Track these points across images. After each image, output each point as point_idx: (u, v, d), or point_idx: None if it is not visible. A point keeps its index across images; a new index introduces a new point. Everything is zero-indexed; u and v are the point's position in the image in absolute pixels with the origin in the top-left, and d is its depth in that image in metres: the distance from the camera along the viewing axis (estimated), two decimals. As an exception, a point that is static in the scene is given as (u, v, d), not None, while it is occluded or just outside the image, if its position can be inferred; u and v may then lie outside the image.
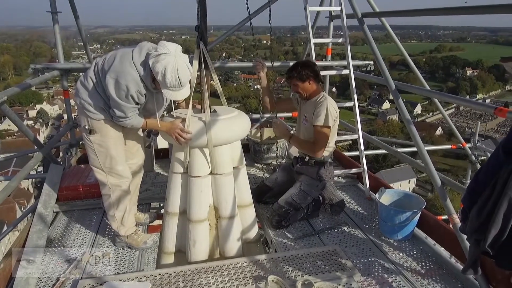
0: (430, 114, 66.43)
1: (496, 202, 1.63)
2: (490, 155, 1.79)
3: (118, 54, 2.42)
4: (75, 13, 4.55)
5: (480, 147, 5.36)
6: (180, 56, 2.33)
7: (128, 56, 2.39)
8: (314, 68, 3.18)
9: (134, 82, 2.36)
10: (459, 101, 3.44)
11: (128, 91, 2.36)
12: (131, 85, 2.35)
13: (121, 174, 2.72)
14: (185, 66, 2.34)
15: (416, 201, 3.03)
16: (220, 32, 47.12)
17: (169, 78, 2.28)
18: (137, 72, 2.37)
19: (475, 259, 1.88)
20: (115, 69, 2.35)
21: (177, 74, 2.29)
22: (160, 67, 2.27)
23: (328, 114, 3.07)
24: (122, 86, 2.34)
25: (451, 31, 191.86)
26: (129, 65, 2.36)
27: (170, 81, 2.30)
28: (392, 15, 3.95)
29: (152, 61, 2.29)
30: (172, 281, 2.36)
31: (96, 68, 2.50)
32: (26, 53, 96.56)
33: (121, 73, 2.34)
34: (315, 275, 2.40)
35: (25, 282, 2.34)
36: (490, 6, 2.27)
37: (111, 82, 2.35)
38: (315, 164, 3.24)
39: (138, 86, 2.39)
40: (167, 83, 2.31)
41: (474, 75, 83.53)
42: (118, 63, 2.37)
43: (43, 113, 58.93)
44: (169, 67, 2.26)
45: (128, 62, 2.36)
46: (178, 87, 2.36)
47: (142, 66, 2.37)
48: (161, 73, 2.28)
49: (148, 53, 2.38)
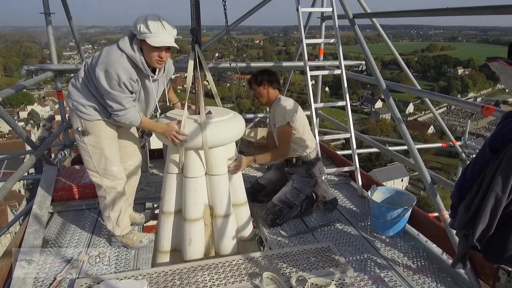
0: (422, 113, 66.88)
1: (483, 198, 1.68)
2: (477, 152, 1.85)
3: (104, 49, 2.44)
4: (68, 14, 4.55)
5: (470, 145, 5.46)
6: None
7: (114, 46, 2.41)
8: (270, 75, 3.25)
9: (124, 69, 2.35)
10: (448, 100, 3.51)
11: (120, 79, 2.34)
12: (121, 73, 2.34)
13: (116, 175, 2.73)
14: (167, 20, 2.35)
15: (407, 198, 3.10)
16: (212, 32, 46.44)
17: (151, 24, 2.28)
18: (127, 56, 2.36)
19: (464, 253, 1.93)
20: (102, 61, 2.35)
21: (158, 18, 2.31)
22: (141, 19, 2.30)
23: (284, 112, 3.14)
24: (112, 75, 2.33)
25: (442, 31, 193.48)
26: (115, 53, 2.36)
27: (152, 26, 2.29)
28: (383, 15, 4.01)
29: (134, 23, 2.34)
30: (168, 279, 2.39)
31: (86, 68, 2.50)
32: (16, 54, 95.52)
33: (108, 62, 2.34)
34: (309, 271, 2.45)
35: (22, 282, 2.36)
36: (478, 7, 2.34)
37: (101, 75, 2.34)
38: (302, 163, 3.30)
39: (129, 73, 2.38)
40: (150, 29, 2.29)
41: (465, 74, 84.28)
42: (104, 54, 2.38)
43: (34, 115, 58.29)
44: (149, 16, 2.31)
45: (114, 51, 2.37)
46: (162, 32, 2.33)
47: (129, 48, 2.37)
48: (143, 23, 2.28)
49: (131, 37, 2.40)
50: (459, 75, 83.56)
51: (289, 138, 3.18)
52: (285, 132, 3.16)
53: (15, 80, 47.56)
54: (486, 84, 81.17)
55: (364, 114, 66.64)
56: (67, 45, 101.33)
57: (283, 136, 3.17)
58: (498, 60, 1.69)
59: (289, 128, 3.15)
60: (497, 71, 1.74)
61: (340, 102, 4.17)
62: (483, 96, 75.55)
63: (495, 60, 1.70)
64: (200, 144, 2.55)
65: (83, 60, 5.40)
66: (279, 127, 3.16)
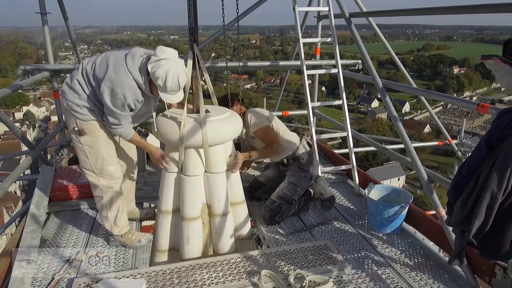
0: (418, 112, 67.15)
1: (479, 194, 1.70)
2: (473, 150, 1.87)
3: (110, 62, 2.40)
4: (64, 14, 4.54)
5: (466, 143, 5.49)
6: (180, 61, 2.37)
7: (122, 63, 2.38)
8: (236, 95, 3.35)
9: (131, 91, 2.38)
10: (444, 98, 3.54)
11: (125, 100, 2.38)
12: (128, 94, 2.37)
13: (113, 174, 2.74)
14: (184, 71, 2.39)
15: (404, 196, 3.12)
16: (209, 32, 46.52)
17: (169, 82, 2.32)
18: (134, 79, 2.37)
19: (460, 249, 1.95)
20: (110, 79, 2.35)
21: (177, 79, 2.33)
22: (161, 72, 2.29)
23: (255, 118, 3.25)
24: (118, 96, 2.35)
25: (438, 30, 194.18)
26: (125, 74, 2.36)
27: (170, 85, 2.33)
28: (379, 15, 4.03)
29: (152, 66, 2.31)
30: (167, 277, 2.39)
31: (84, 71, 2.48)
32: (11, 54, 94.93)
33: (116, 82, 2.35)
34: (307, 269, 2.46)
35: (20, 282, 2.35)
36: (473, 6, 2.35)
37: (106, 92, 2.36)
38: (293, 161, 3.34)
39: (135, 94, 2.42)
40: (167, 87, 2.34)
41: (461, 73, 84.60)
42: (112, 72, 2.36)
43: (30, 115, 58.08)
44: (170, 72, 2.30)
45: (123, 71, 2.37)
46: (176, 91, 2.40)
47: (138, 73, 2.38)
48: (162, 78, 2.30)
49: (142, 59, 2.41)
50: (455, 74, 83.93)
51: (275, 135, 3.28)
52: (268, 132, 3.25)
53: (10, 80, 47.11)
54: (481, 83, 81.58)
55: (361, 113, 66.83)
56: (62, 45, 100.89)
57: (269, 136, 3.25)
58: (493, 58, 1.71)
59: (268, 127, 3.25)
60: (492, 69, 1.76)
61: (337, 101, 4.19)
62: (479, 95, 75.90)
63: (490, 58, 1.72)
64: (200, 142, 2.55)
65: (79, 61, 5.42)
66: (259, 130, 3.24)
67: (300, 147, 3.35)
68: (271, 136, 3.25)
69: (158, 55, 2.31)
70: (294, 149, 3.32)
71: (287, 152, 3.33)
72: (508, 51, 1.68)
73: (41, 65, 4.13)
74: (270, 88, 78.30)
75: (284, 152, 3.33)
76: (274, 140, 3.25)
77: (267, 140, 3.25)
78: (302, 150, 3.36)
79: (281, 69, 5.95)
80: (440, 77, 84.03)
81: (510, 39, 1.69)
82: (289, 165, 3.35)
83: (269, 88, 78.60)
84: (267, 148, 3.28)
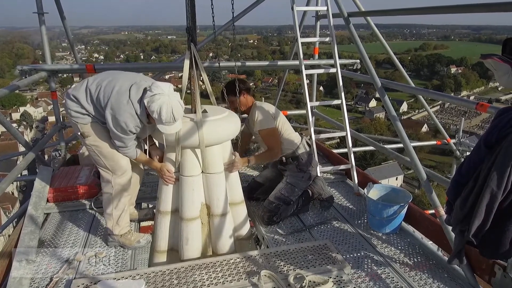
0: (416, 112, 67.28)
1: (479, 193, 1.70)
2: (472, 149, 1.87)
3: (115, 88, 2.48)
4: (62, 14, 4.53)
5: (464, 142, 5.50)
6: (173, 95, 2.44)
7: (126, 93, 2.47)
8: (244, 83, 3.31)
9: (131, 118, 2.48)
10: (443, 97, 3.53)
11: (127, 127, 2.48)
12: (128, 122, 2.47)
13: (126, 168, 2.79)
14: (178, 104, 2.44)
15: (403, 195, 3.12)
16: (206, 32, 46.69)
17: (164, 115, 2.39)
18: (134, 109, 2.47)
19: (460, 249, 1.95)
20: (112, 106, 2.46)
21: (171, 112, 2.39)
22: (156, 106, 2.37)
23: (267, 116, 3.21)
24: (120, 123, 2.46)
25: (435, 30, 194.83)
26: (126, 103, 2.45)
27: (165, 118, 2.40)
28: (377, 14, 4.03)
29: (148, 101, 2.40)
30: (166, 278, 2.38)
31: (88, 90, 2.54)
32: (8, 54, 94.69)
33: (117, 110, 2.45)
34: (307, 269, 2.46)
35: (18, 283, 2.34)
36: (471, 5, 2.36)
37: (109, 117, 2.47)
38: (292, 160, 3.33)
39: (136, 122, 2.51)
40: (163, 120, 2.41)
41: (458, 72, 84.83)
42: (114, 100, 2.46)
43: (27, 116, 57.93)
44: (164, 106, 2.37)
45: (125, 100, 2.46)
46: (172, 122, 2.46)
47: (138, 104, 2.47)
48: (157, 112, 2.38)
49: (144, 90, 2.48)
50: (452, 74, 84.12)
51: (278, 138, 3.26)
52: (272, 134, 3.23)
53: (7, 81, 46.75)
54: (479, 82, 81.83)
55: (359, 113, 66.93)
56: (59, 45, 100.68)
57: (272, 138, 3.23)
58: (492, 57, 1.71)
59: (273, 130, 3.23)
60: (492, 68, 1.76)
61: (335, 100, 4.18)
62: (476, 95, 76.12)
63: (489, 57, 1.72)
64: (197, 143, 2.55)
65: (77, 61, 5.41)
66: (263, 130, 3.21)
67: (300, 147, 3.34)
68: (274, 139, 3.23)
69: (153, 91, 2.40)
70: (294, 149, 3.32)
71: (286, 152, 3.32)
72: (507, 50, 1.68)
73: (39, 65, 4.11)
74: (268, 88, 78.37)
75: (283, 151, 3.32)
76: (276, 143, 3.23)
77: (269, 142, 3.24)
78: (302, 150, 3.35)
79: (279, 69, 5.95)
80: (438, 76, 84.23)
81: (509, 38, 1.69)
82: (288, 164, 3.35)
83: (267, 88, 78.68)
84: (267, 152, 3.28)
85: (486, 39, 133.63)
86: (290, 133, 3.35)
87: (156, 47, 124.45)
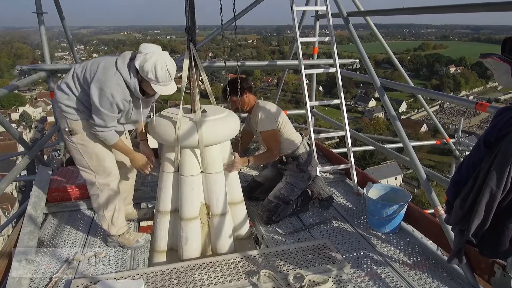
0: (415, 112, 67.29)
1: (478, 193, 1.70)
2: (472, 148, 1.87)
3: (101, 64, 2.46)
4: (61, 14, 4.52)
5: (463, 142, 5.51)
6: (164, 53, 2.44)
7: (112, 64, 2.44)
8: (246, 82, 3.29)
9: (119, 90, 2.42)
10: (442, 97, 3.53)
11: (114, 99, 2.41)
12: (116, 93, 2.41)
13: (110, 171, 2.74)
14: (171, 61, 2.44)
15: (402, 195, 3.12)
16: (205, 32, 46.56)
17: (159, 73, 2.36)
18: (123, 78, 2.42)
19: (459, 248, 1.95)
20: (99, 78, 2.40)
21: (166, 69, 2.38)
22: (150, 65, 2.34)
23: (269, 117, 3.21)
24: (107, 95, 2.39)
25: (434, 29, 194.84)
26: (113, 73, 2.41)
27: (161, 75, 2.38)
28: (377, 14, 4.03)
29: (140, 61, 2.36)
30: (165, 278, 2.38)
31: (75, 75, 2.51)
32: (7, 55, 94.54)
33: (104, 81, 2.39)
34: (306, 268, 2.46)
35: (18, 283, 2.34)
36: (471, 4, 2.36)
37: (95, 91, 2.40)
38: (292, 159, 3.34)
39: (124, 94, 2.45)
40: (159, 79, 2.39)
41: (457, 72, 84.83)
42: (101, 72, 2.42)
43: (26, 116, 57.85)
44: (158, 63, 2.35)
45: (112, 70, 2.42)
46: (168, 81, 2.44)
47: (127, 72, 2.43)
48: (152, 71, 2.35)
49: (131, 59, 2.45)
50: (451, 74, 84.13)
51: (278, 140, 3.28)
52: (272, 136, 3.24)
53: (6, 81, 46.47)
54: (478, 82, 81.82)
55: (358, 113, 66.91)
56: (58, 45, 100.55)
57: (271, 140, 3.24)
58: (492, 57, 1.71)
59: (274, 132, 3.23)
60: (491, 67, 1.76)
61: (335, 100, 4.19)
62: (475, 94, 76.05)
63: (489, 57, 1.72)
64: (196, 143, 2.55)
65: (76, 61, 5.40)
66: (265, 132, 3.22)
67: (300, 147, 3.34)
68: (274, 141, 3.24)
69: (143, 51, 2.38)
70: (294, 149, 3.31)
71: (285, 151, 3.32)
72: (507, 49, 1.68)
73: (38, 65, 4.10)
74: (267, 88, 78.33)
75: (284, 151, 3.32)
76: (275, 145, 3.24)
77: (270, 144, 3.24)
78: (302, 150, 3.35)
79: (279, 68, 5.95)
80: (437, 76, 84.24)
81: (509, 37, 1.69)
82: (288, 164, 3.35)
83: (266, 88, 78.64)
84: (267, 153, 3.30)
85: (485, 38, 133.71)
86: (292, 133, 3.36)
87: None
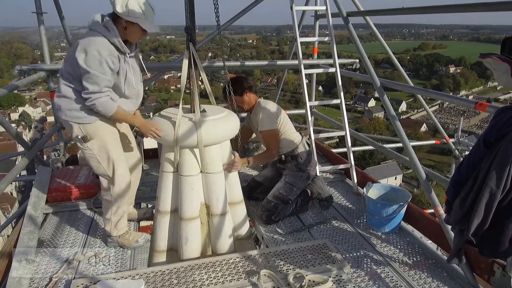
0: (415, 111, 67.31)
1: (478, 192, 1.70)
2: (472, 148, 1.87)
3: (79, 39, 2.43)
4: (60, 14, 4.51)
5: (463, 142, 5.51)
6: None
7: (89, 32, 2.41)
8: (246, 81, 3.29)
9: (103, 46, 2.35)
10: (442, 96, 3.53)
11: (101, 55, 2.33)
12: (101, 49, 2.33)
13: (124, 178, 2.72)
14: None
15: (402, 195, 3.12)
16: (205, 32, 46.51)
17: (144, 6, 2.34)
18: (103, 36, 2.37)
19: (459, 248, 1.95)
20: (81, 43, 2.35)
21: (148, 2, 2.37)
22: (133, 2, 2.31)
23: (270, 117, 3.21)
24: (93, 53, 2.31)
25: (434, 29, 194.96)
26: (92, 34, 2.37)
27: (146, 9, 2.35)
28: (376, 13, 4.03)
29: (120, 5, 2.32)
30: (165, 278, 2.38)
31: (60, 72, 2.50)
32: (6, 55, 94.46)
33: (87, 42, 2.34)
34: (306, 268, 2.46)
35: (18, 283, 2.34)
36: (470, 4, 2.36)
37: (81, 56, 2.32)
38: (291, 159, 3.34)
39: (109, 49, 2.38)
40: (145, 14, 2.35)
41: (457, 72, 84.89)
42: (82, 40, 2.37)
43: (26, 116, 57.82)
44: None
45: (90, 34, 2.38)
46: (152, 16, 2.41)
47: (104, 28, 2.39)
48: (137, 7, 2.32)
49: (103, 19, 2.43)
50: (451, 73, 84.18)
51: (277, 140, 3.28)
52: (272, 136, 3.24)
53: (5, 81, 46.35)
54: (477, 82, 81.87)
55: (358, 112, 66.92)
56: (58, 45, 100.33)
57: (271, 140, 3.24)
58: (491, 56, 1.71)
59: (274, 132, 3.24)
60: (491, 67, 1.76)
61: (335, 100, 4.19)
62: (475, 94, 76.11)
63: (488, 56, 1.72)
64: (195, 142, 2.54)
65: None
66: (265, 131, 3.22)
67: (299, 146, 3.34)
68: (273, 141, 3.25)
69: None
70: (293, 148, 3.32)
71: (286, 150, 3.33)
72: (506, 49, 1.68)
73: (37, 65, 4.10)
74: (267, 87, 78.33)
75: (283, 150, 3.33)
76: (275, 145, 3.25)
77: (269, 144, 3.25)
78: (301, 149, 3.35)
79: (279, 68, 5.95)
80: (437, 76, 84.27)
81: (508, 37, 1.70)
82: (287, 163, 3.35)
83: (266, 87, 78.63)
84: (266, 153, 3.31)
85: (484, 38, 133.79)
86: (292, 133, 3.36)
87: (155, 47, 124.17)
